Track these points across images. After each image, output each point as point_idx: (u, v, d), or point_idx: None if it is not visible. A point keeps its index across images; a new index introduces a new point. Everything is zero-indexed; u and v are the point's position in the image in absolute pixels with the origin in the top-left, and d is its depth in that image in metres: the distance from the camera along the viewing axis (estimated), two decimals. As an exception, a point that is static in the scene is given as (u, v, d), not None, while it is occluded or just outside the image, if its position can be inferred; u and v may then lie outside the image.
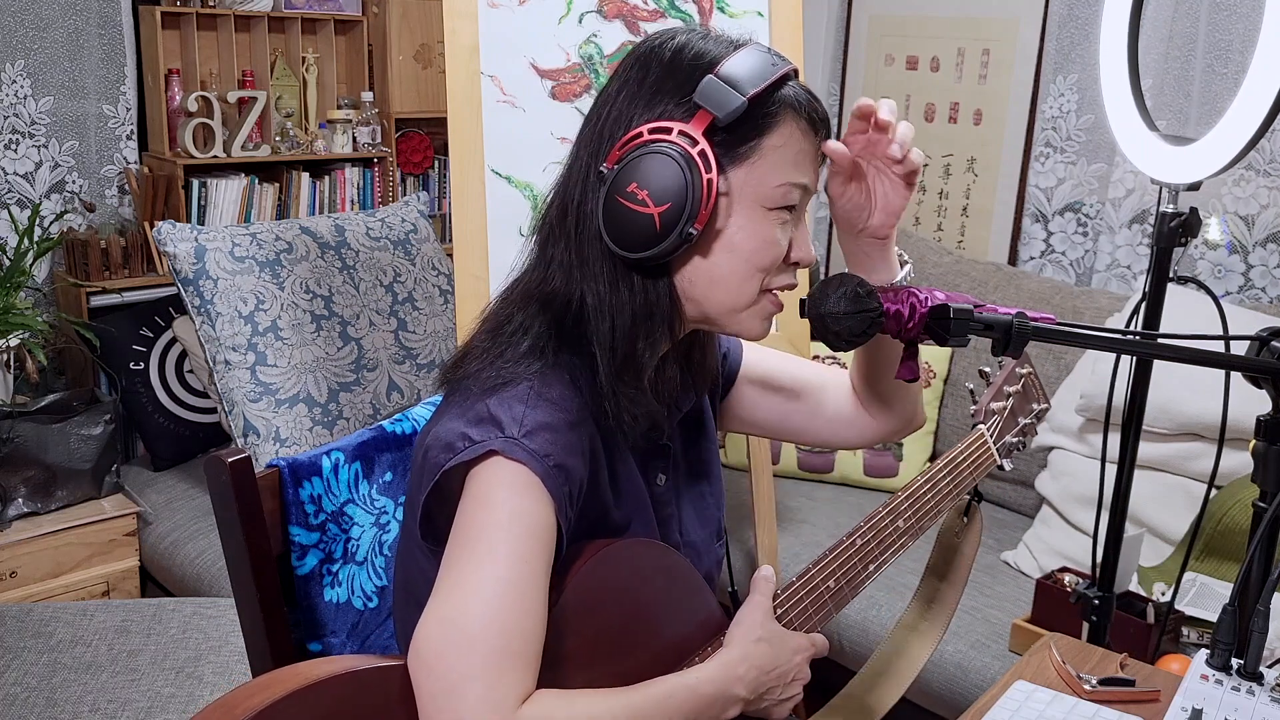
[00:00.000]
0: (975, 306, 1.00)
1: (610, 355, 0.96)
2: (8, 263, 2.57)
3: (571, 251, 0.98)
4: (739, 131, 0.96)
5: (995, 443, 1.32)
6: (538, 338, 0.97)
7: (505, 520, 0.88)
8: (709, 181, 0.93)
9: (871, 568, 1.16)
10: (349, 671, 0.83)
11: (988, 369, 1.38)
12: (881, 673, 1.30)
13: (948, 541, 1.33)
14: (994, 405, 1.35)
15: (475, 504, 0.90)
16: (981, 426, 1.33)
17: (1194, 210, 1.55)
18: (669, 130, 0.94)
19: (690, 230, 0.93)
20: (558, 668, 0.90)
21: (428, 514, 0.95)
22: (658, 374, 1.06)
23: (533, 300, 0.99)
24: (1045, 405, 1.40)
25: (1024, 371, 1.39)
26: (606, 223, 0.95)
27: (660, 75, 0.97)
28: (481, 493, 0.90)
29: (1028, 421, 1.38)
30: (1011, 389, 1.36)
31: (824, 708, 1.27)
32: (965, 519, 1.29)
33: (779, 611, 1.07)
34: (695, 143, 0.93)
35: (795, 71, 1.00)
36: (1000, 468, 1.34)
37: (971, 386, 1.39)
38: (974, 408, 1.36)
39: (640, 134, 0.95)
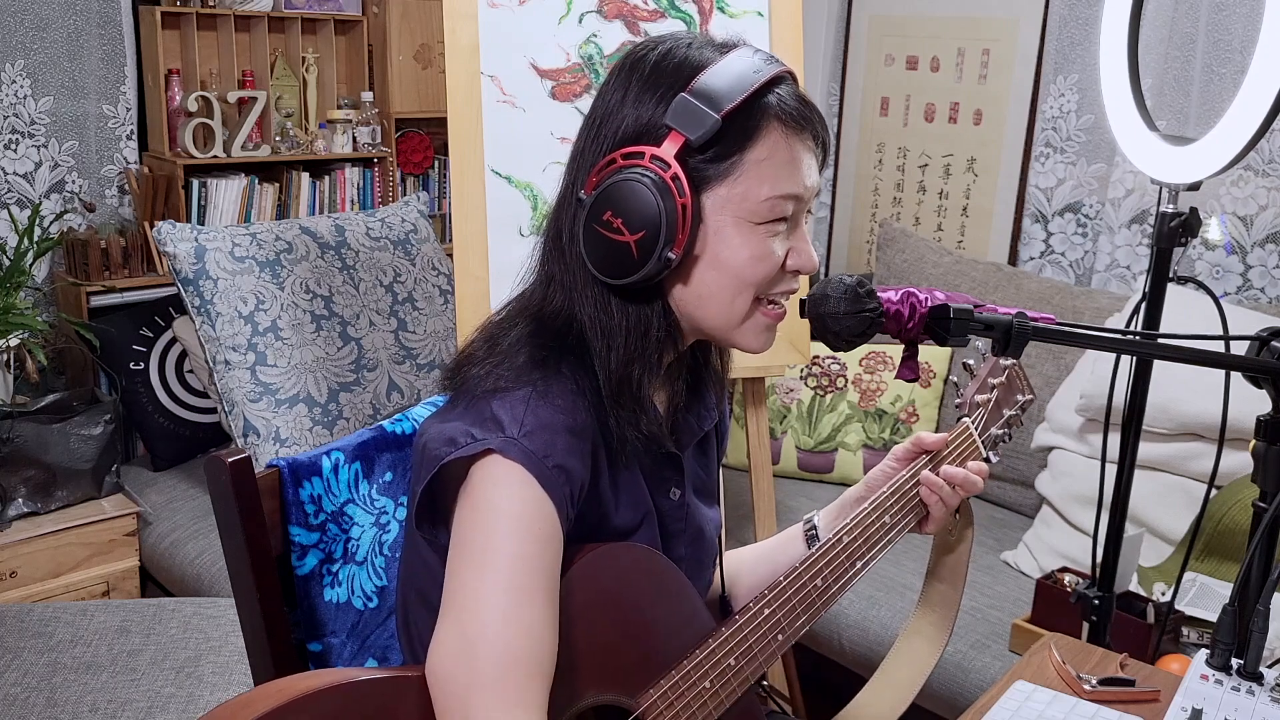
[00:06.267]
0: (975, 306, 1.01)
1: (607, 375, 0.96)
2: (8, 263, 2.57)
3: (566, 273, 0.99)
4: (718, 148, 0.94)
5: (980, 435, 1.32)
6: (536, 349, 0.97)
7: (504, 524, 0.88)
8: (683, 206, 0.92)
9: (859, 565, 1.15)
10: (332, 686, 0.83)
11: (970, 361, 1.38)
12: (889, 681, 1.30)
13: (942, 541, 1.33)
14: (978, 398, 1.35)
15: (474, 508, 0.90)
16: (966, 420, 1.33)
17: (1194, 210, 1.55)
18: (641, 155, 0.93)
19: (669, 255, 0.93)
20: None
21: (425, 505, 0.96)
22: (664, 386, 1.06)
23: (532, 317, 0.99)
24: (1030, 396, 1.40)
25: (1007, 363, 1.39)
26: (588, 250, 0.95)
27: (640, 89, 0.96)
28: (480, 495, 0.90)
29: (1013, 413, 1.38)
30: (995, 381, 1.36)
31: (833, 719, 1.27)
32: (956, 515, 1.29)
33: (767, 611, 1.07)
34: (668, 167, 0.92)
35: (788, 74, 0.98)
36: (986, 460, 1.34)
37: (955, 380, 1.39)
38: (958, 401, 1.37)
39: (614, 159, 0.94)
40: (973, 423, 1.33)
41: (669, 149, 0.93)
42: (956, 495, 1.21)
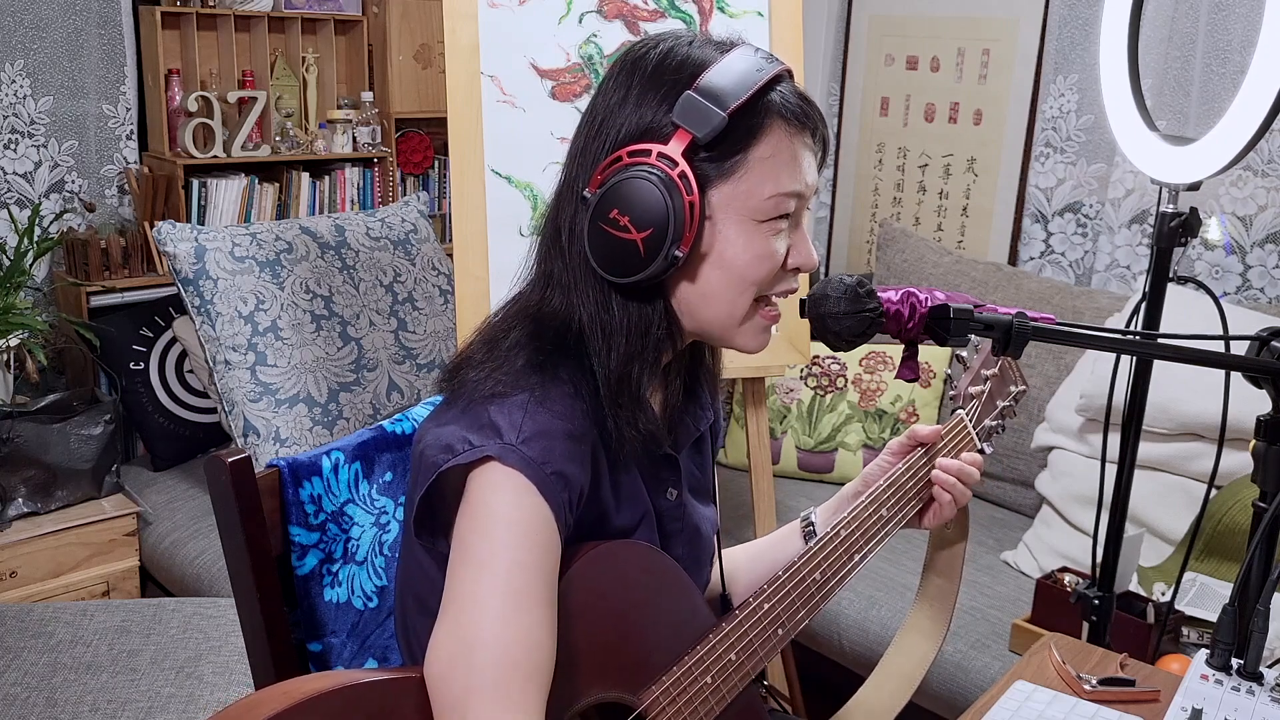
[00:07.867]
0: (975, 306, 1.01)
1: (606, 375, 0.96)
2: (8, 263, 2.57)
3: (566, 272, 0.98)
4: (723, 146, 0.94)
5: (974, 426, 1.33)
6: (535, 353, 0.96)
7: (503, 530, 0.88)
8: (690, 204, 0.92)
9: (857, 558, 1.16)
10: (339, 687, 0.83)
11: (963, 354, 1.38)
12: (889, 676, 1.30)
13: (938, 535, 1.33)
14: (972, 389, 1.35)
15: (473, 514, 0.90)
16: (961, 411, 1.34)
17: (1194, 210, 1.55)
18: (648, 153, 0.93)
19: (675, 254, 0.93)
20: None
21: (423, 512, 0.95)
22: (660, 387, 1.06)
23: (530, 318, 0.99)
24: (1023, 387, 1.41)
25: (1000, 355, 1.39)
26: (592, 248, 0.94)
27: (643, 88, 0.96)
28: (478, 501, 0.90)
29: (1006, 404, 1.38)
30: (989, 373, 1.37)
31: (834, 716, 1.27)
32: None
33: (766, 606, 1.07)
34: (675, 164, 0.92)
35: (788, 72, 0.98)
36: (981, 451, 1.34)
37: (949, 372, 1.39)
38: (952, 392, 1.37)
39: (620, 157, 0.94)
40: (967, 414, 1.33)
41: (675, 147, 0.93)
42: (966, 490, 1.22)
